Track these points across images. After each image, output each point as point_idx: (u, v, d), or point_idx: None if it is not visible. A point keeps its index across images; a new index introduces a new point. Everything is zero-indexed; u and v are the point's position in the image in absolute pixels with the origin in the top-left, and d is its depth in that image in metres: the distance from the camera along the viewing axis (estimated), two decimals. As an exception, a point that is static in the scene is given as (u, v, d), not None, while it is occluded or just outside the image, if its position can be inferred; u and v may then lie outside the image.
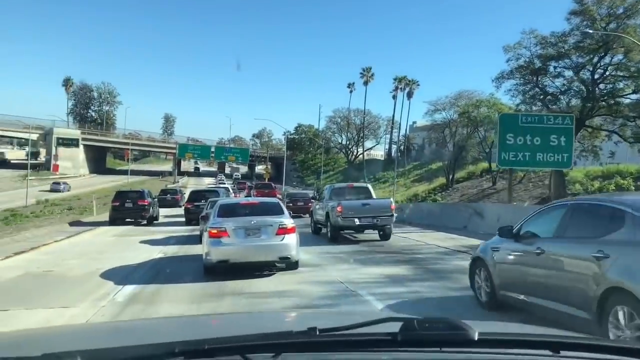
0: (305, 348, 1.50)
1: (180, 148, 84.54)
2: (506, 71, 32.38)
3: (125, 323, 3.94)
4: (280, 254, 10.15)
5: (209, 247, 9.98)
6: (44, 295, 8.36)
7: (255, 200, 13.43)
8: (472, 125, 43.10)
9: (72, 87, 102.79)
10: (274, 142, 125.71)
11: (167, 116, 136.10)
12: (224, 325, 2.48)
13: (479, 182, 46.47)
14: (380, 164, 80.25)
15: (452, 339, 1.51)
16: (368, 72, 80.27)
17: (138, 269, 11.11)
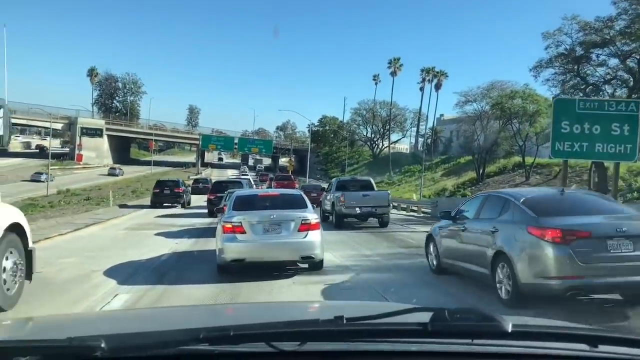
0: (331, 337, 1.47)
1: (204, 139, 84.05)
2: (545, 59, 30.50)
3: (147, 310, 4.08)
4: (303, 252, 9.14)
5: (223, 244, 8.99)
6: (21, 304, 6.50)
7: (275, 192, 12.21)
8: (505, 117, 41.16)
9: (96, 77, 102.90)
10: (297, 135, 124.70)
11: (192, 107, 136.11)
12: (249, 314, 2.44)
13: (511, 177, 44.52)
14: (406, 157, 78.41)
15: (484, 330, 1.48)
16: (396, 63, 78.23)
17: (139, 270, 9.76)
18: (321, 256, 9.43)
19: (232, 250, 8.92)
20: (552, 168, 41.37)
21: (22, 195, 38.19)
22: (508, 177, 44.29)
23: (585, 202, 8.06)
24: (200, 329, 1.42)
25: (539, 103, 38.89)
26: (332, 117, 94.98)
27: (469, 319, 1.52)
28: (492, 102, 42.03)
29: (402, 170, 68.66)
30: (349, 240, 15.17)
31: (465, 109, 46.61)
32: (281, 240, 9.04)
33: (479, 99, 44.96)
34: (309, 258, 9.24)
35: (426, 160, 60.62)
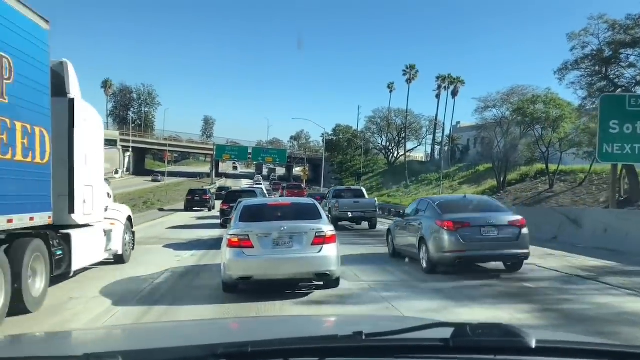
0: (350, 353, 1.46)
1: (218, 149, 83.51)
2: (570, 61, 29.28)
3: (162, 324, 3.94)
4: (317, 268, 8.22)
5: (228, 259, 8.11)
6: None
7: (286, 201, 11.14)
8: (526, 123, 39.78)
9: (111, 88, 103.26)
10: (311, 144, 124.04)
11: (207, 118, 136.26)
12: (265, 328, 2.40)
13: (534, 185, 43.03)
14: (422, 165, 77.03)
15: (508, 346, 1.45)
16: (412, 70, 77.01)
17: (131, 295, 8.50)
18: (338, 273, 8.52)
19: (238, 266, 8.08)
20: (576, 175, 39.85)
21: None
22: (530, 185, 42.80)
23: (476, 203, 11.94)
24: (218, 344, 1.42)
25: (563, 108, 37.51)
26: (346, 126, 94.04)
27: (492, 335, 1.47)
28: (513, 108, 40.66)
29: (418, 178, 67.28)
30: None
31: (485, 115, 45.28)
32: (293, 255, 8.16)
33: (499, 104, 43.67)
34: (324, 275, 8.34)
35: (443, 168, 59.33)
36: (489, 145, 45.93)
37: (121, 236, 11.50)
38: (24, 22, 7.20)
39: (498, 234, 10.25)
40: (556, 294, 8.63)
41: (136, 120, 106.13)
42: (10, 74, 6.66)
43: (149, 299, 8.41)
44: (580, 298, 8.29)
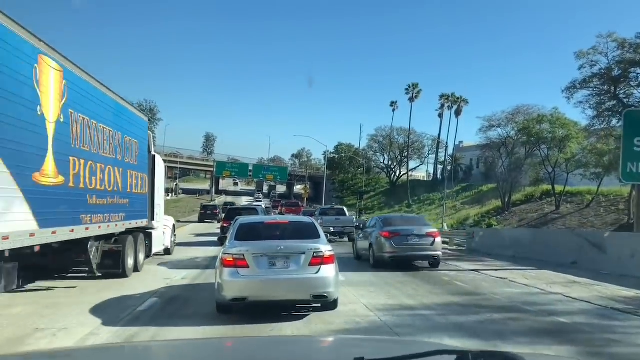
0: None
1: (218, 166, 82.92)
2: (579, 80, 28.67)
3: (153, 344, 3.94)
4: (315, 290, 7.90)
5: (223, 280, 7.79)
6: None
7: (284, 220, 10.67)
8: (532, 143, 39.14)
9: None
10: (313, 162, 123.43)
11: (208, 135, 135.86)
12: (260, 351, 2.25)
13: (539, 206, 42.24)
14: (424, 185, 76.23)
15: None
16: (414, 89, 76.50)
17: (103, 329, 7.34)
18: (336, 295, 8.20)
19: (232, 287, 7.76)
20: (583, 196, 39.10)
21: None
22: (536, 206, 42.01)
23: (408, 219, 17.87)
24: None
25: (569, 127, 36.89)
26: (348, 144, 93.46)
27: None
28: (518, 127, 40.03)
29: (420, 198, 66.47)
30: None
31: (490, 135, 44.66)
32: (289, 276, 7.84)
33: (504, 124, 43.09)
34: (322, 297, 7.99)
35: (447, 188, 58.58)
36: (493, 165, 45.29)
37: (170, 237, 17.81)
38: (140, 121, 14.15)
39: (419, 241, 15.02)
40: (597, 331, 7.56)
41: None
42: (137, 149, 13.26)
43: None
44: (627, 338, 7.27)
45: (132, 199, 12.62)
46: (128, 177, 12.38)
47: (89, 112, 10.17)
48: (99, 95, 10.95)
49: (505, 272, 14.54)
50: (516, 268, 15.54)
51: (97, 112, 10.68)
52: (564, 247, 16.46)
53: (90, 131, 10.25)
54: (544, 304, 9.65)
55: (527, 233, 21.03)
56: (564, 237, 19.13)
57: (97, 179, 10.56)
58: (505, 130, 43.21)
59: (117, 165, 11.69)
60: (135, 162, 12.89)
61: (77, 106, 9.61)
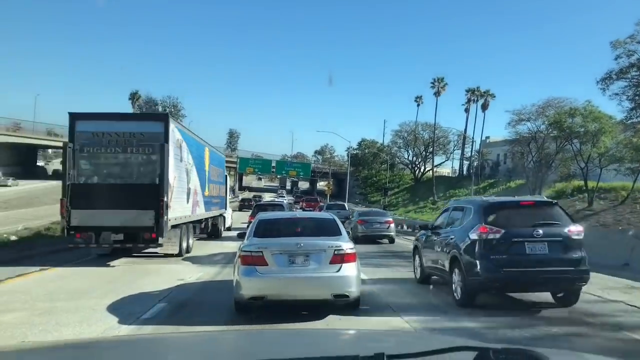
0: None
1: (242, 162, 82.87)
2: (615, 70, 27.34)
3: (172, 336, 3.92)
4: (335, 290, 7.70)
5: (241, 278, 7.65)
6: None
7: (303, 216, 10.42)
8: (563, 137, 37.66)
9: (138, 100, 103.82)
10: (336, 159, 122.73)
11: (232, 132, 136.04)
12: (279, 344, 2.27)
13: (571, 202, 40.63)
14: (450, 181, 74.87)
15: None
16: (440, 82, 75.09)
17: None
18: (357, 294, 7.96)
19: (250, 285, 7.62)
20: (617, 193, 37.53)
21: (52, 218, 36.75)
22: (567, 203, 40.42)
23: (376, 212, 28.60)
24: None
25: (602, 121, 35.32)
26: (371, 140, 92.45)
27: (515, 359, 1.37)
28: (549, 121, 38.57)
29: (446, 194, 65.21)
30: None
31: (519, 129, 43.16)
32: (309, 274, 7.65)
33: (534, 117, 41.55)
34: (343, 296, 7.77)
35: (473, 184, 57.23)
36: (522, 161, 43.86)
37: (230, 219, 28.48)
38: (222, 158, 27.06)
39: (380, 226, 23.72)
40: None
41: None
42: (221, 173, 25.40)
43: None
44: None
45: (220, 199, 24.73)
46: (219, 189, 24.31)
47: (214, 163, 22.83)
48: (217, 155, 24.62)
49: None
50: None
51: (215, 162, 23.09)
52: (613, 247, 15.07)
53: (213, 171, 22.45)
54: (606, 314, 8.45)
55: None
56: (613, 236, 17.68)
57: (213, 191, 22.20)
58: (535, 124, 41.70)
59: (217, 183, 23.75)
60: (221, 180, 25.43)
61: (213, 162, 22.23)
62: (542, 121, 41.03)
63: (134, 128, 14.32)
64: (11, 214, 43.53)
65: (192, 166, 17.63)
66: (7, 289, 10.36)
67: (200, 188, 19.08)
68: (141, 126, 14.53)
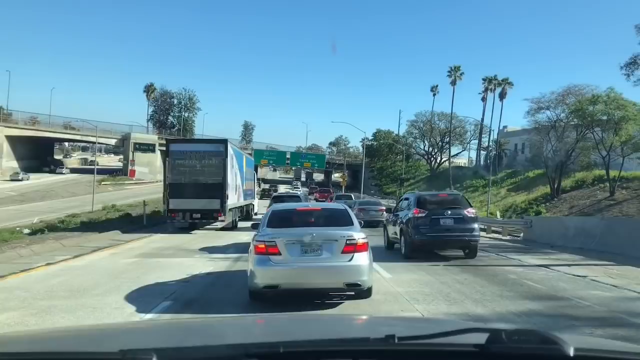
0: (383, 356, 1.45)
1: (256, 154, 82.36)
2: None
3: (195, 321, 4.10)
4: (347, 278, 7.83)
5: (255, 267, 7.85)
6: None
7: (316, 207, 10.41)
8: (584, 125, 36.69)
9: (153, 93, 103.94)
10: (351, 150, 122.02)
11: (246, 124, 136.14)
12: (296, 327, 2.36)
13: (591, 192, 39.77)
14: (467, 171, 73.88)
15: (545, 354, 1.40)
16: (456, 71, 73.93)
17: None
18: (369, 283, 8.10)
19: (264, 274, 7.77)
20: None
21: (67, 211, 36.90)
22: (588, 193, 39.60)
23: (373, 202, 33.05)
24: (250, 344, 1.44)
25: (626, 108, 34.29)
26: (386, 131, 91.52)
27: (528, 341, 1.44)
28: (571, 109, 37.57)
29: (463, 185, 64.33)
30: None
31: (538, 118, 42.17)
32: (322, 263, 7.80)
33: (553, 105, 40.56)
34: (355, 285, 7.91)
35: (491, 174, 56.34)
36: (541, 150, 42.90)
37: (257, 206, 34.51)
38: (252, 160, 35.58)
39: (375, 213, 27.16)
40: None
41: (175, 124, 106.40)
42: (251, 172, 33.03)
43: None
44: None
45: (251, 192, 31.58)
46: (251, 184, 30.96)
47: (248, 166, 29.48)
48: (249, 159, 31.68)
49: (581, 268, 12.44)
50: (592, 263, 13.43)
51: (249, 165, 29.84)
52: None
53: (247, 171, 28.62)
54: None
55: (597, 222, 17.75)
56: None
57: (247, 186, 28.64)
58: (555, 112, 40.72)
59: (249, 180, 30.14)
60: (251, 177, 31.77)
61: (247, 165, 29.30)
62: (562, 109, 40.09)
63: (206, 148, 22.84)
64: (27, 207, 43.83)
65: (237, 170, 25.16)
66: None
67: (241, 184, 26.61)
68: (210, 147, 23.06)
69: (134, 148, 76.01)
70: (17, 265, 11.98)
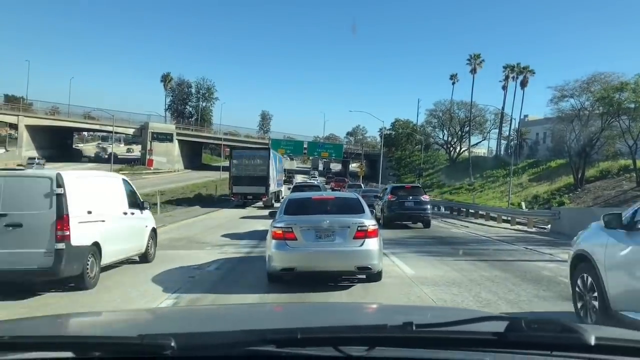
0: (401, 343, 1.45)
1: (273, 144, 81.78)
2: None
3: (213, 308, 4.18)
4: (359, 262, 8.46)
5: (272, 251, 8.51)
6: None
7: (330, 196, 11.25)
8: (610, 114, 35.52)
9: (170, 82, 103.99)
10: (368, 140, 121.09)
11: (264, 114, 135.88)
12: (313, 315, 2.41)
13: (617, 182, 38.65)
14: (487, 161, 72.64)
15: (565, 343, 1.39)
16: (476, 59, 72.44)
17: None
18: (379, 267, 8.74)
19: (281, 258, 8.42)
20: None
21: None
22: (613, 183, 38.47)
23: (374, 190, 37.46)
24: (267, 330, 1.46)
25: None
26: (405, 120, 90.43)
27: (548, 330, 1.43)
28: (596, 96, 36.38)
29: (483, 175, 63.24)
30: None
31: (561, 106, 41.00)
32: (335, 248, 8.42)
33: (578, 93, 39.35)
34: (366, 269, 8.58)
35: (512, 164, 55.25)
36: (564, 139, 41.77)
37: (284, 193, 37.44)
38: (281, 157, 49.64)
39: (374, 199, 25.76)
40: None
41: (193, 114, 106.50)
42: (281, 167, 44.81)
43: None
44: None
45: (280, 181, 40.01)
46: (281, 175, 41.72)
47: (280, 162, 42.03)
48: (280, 158, 44.16)
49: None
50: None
51: (280, 161, 42.56)
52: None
53: (279, 165, 39.37)
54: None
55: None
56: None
57: (279, 177, 39.15)
58: (580, 100, 39.51)
59: (280, 172, 41.03)
60: (281, 170, 41.94)
61: (280, 161, 42.37)
62: (587, 97, 38.90)
63: (255, 153, 34.69)
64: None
65: (274, 167, 35.07)
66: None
67: (275, 176, 35.78)
68: (258, 152, 35.05)
69: (152, 138, 76.21)
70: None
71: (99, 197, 9.15)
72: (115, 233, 9.44)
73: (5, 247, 7.50)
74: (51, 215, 7.65)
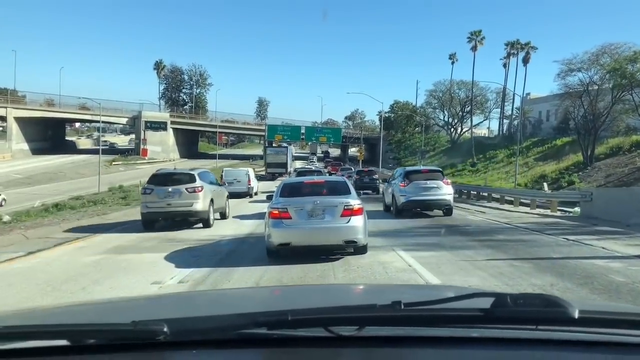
0: (389, 322, 1.49)
1: (270, 129, 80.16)
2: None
3: (205, 292, 4.59)
4: (346, 237, 9.48)
5: (270, 229, 9.51)
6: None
7: (320, 179, 12.14)
8: (622, 87, 33.80)
9: (163, 70, 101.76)
10: (367, 124, 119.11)
11: (261, 100, 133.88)
12: (304, 297, 2.46)
13: (629, 159, 36.99)
14: (488, 141, 70.86)
15: (550, 317, 1.43)
16: (477, 36, 70.31)
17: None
18: (364, 241, 9.75)
19: (278, 235, 9.37)
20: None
21: (72, 193, 35.37)
22: (625, 160, 36.80)
23: (370, 172, 37.65)
24: (258, 313, 1.50)
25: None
26: (404, 102, 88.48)
27: (533, 305, 1.44)
28: (607, 69, 34.58)
29: (486, 155, 61.54)
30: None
31: (568, 81, 39.18)
32: (325, 225, 9.36)
33: (586, 67, 37.52)
34: (352, 242, 9.57)
35: (514, 143, 53.47)
36: (571, 116, 40.04)
37: (291, 174, 49.84)
38: (291, 150, 72.62)
39: (369, 180, 34.58)
40: None
41: (187, 102, 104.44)
42: (292, 156, 70.40)
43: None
44: None
45: (292, 164, 63.79)
46: (291, 162, 64.04)
47: (292, 153, 68.26)
48: (291, 150, 68.84)
49: None
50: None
51: (292, 153, 68.17)
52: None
53: (290, 154, 65.18)
54: None
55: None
56: None
57: (292, 162, 65.97)
58: (588, 74, 37.69)
59: (292, 160, 66.76)
60: (291, 158, 65.19)
61: (292, 153, 69.23)
62: (596, 71, 37.11)
63: (280, 148, 63.82)
64: (33, 189, 42.39)
65: (290, 155, 62.12)
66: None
67: (290, 163, 60.48)
68: (281, 149, 63.44)
69: (146, 127, 74.10)
70: None
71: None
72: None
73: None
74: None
